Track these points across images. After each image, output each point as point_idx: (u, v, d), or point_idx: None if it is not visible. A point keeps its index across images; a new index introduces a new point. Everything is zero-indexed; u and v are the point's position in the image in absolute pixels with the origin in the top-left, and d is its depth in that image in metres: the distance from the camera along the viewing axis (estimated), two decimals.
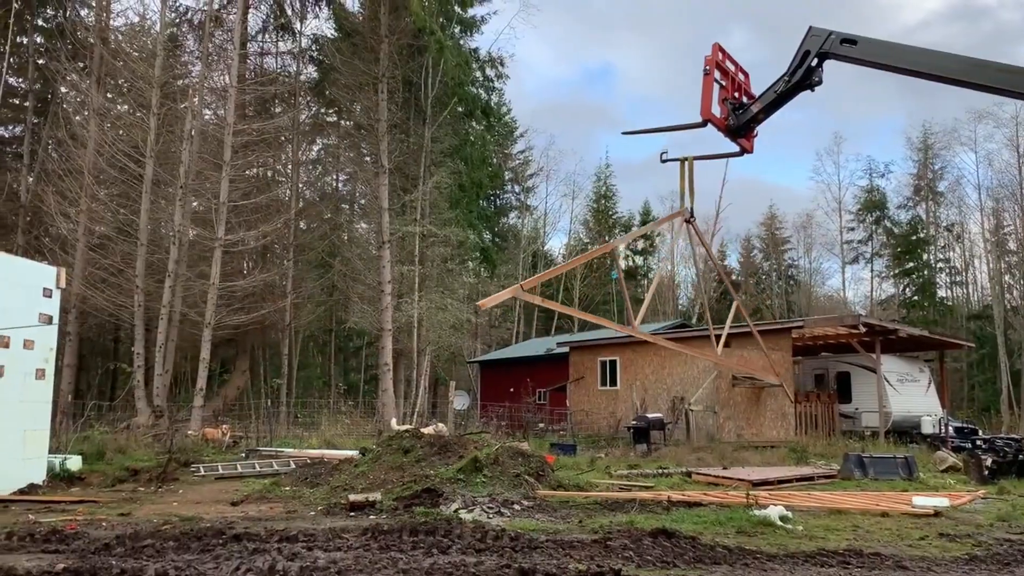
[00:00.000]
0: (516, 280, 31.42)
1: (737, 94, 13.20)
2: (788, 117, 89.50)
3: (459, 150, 33.29)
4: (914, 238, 51.71)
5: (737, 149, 13.84)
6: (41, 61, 30.73)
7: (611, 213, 60.06)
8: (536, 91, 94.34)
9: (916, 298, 51.23)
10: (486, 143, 37.69)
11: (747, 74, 13.58)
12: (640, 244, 58.69)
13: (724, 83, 13.09)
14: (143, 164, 24.46)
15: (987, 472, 13.70)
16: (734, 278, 61.31)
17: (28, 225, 28.55)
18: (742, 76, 13.46)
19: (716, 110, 13.00)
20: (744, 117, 12.73)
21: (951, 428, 22.12)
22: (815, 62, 10.86)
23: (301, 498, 10.66)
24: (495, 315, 53.12)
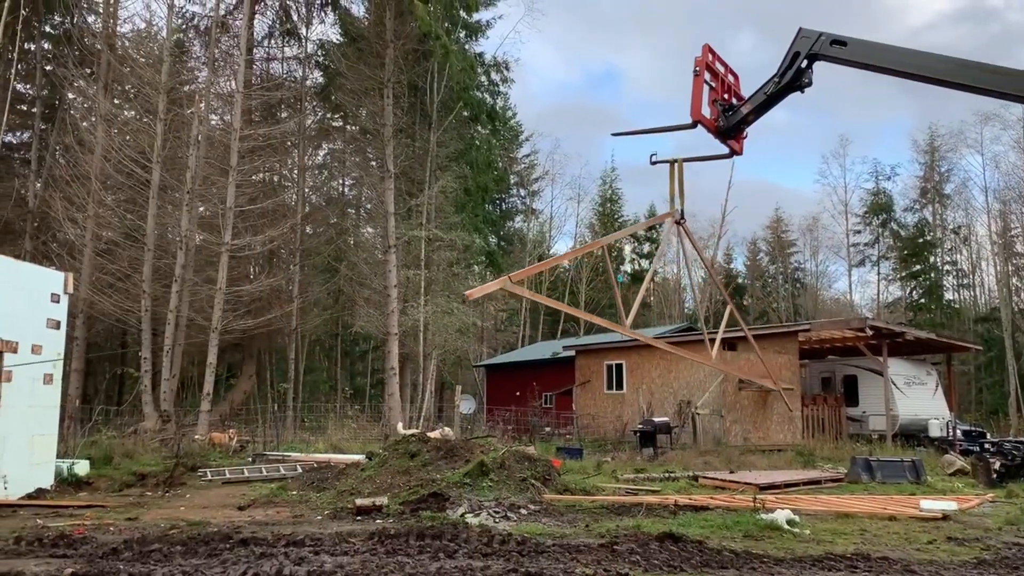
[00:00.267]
0: (522, 284, 31.35)
1: (727, 95, 13.16)
2: (794, 120, 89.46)
3: (464, 154, 33.38)
4: (921, 241, 51.47)
5: (727, 151, 13.82)
6: (49, 67, 30.83)
7: (617, 216, 60.02)
8: (541, 95, 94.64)
9: (923, 301, 50.95)
10: (491, 147, 37.78)
11: (737, 76, 13.52)
12: (647, 248, 58.63)
13: (714, 84, 13.07)
14: (150, 169, 24.62)
15: (995, 475, 13.65)
16: (740, 281, 61.23)
17: (36, 231, 28.66)
18: (732, 78, 13.40)
19: (707, 111, 12.98)
20: (734, 119, 12.70)
21: (959, 431, 22.02)
22: (805, 63, 10.85)
23: (308, 502, 10.69)
24: (501, 319, 53.17)
